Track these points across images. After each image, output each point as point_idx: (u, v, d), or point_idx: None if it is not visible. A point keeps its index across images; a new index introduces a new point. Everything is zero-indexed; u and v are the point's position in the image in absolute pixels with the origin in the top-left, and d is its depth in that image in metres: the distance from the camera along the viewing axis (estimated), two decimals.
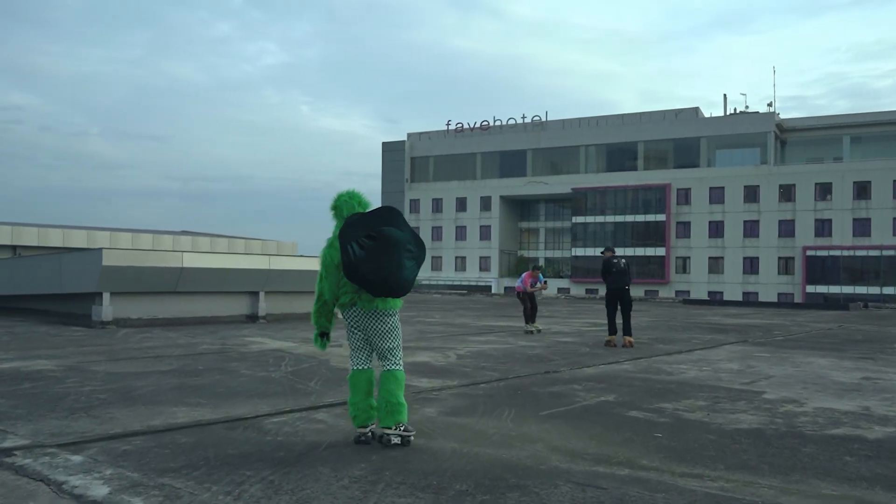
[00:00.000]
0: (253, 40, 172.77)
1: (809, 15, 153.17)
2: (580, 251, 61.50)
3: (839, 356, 11.20)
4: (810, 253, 54.30)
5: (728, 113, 61.69)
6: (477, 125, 68.87)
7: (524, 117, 67.65)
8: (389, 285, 4.48)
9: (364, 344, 4.81)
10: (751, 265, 56.54)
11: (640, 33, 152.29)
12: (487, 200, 66.47)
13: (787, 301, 48.05)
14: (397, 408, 4.66)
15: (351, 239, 4.45)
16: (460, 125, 69.40)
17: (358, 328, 4.76)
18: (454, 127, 69.58)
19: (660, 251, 59.12)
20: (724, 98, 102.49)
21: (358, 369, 4.80)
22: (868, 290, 51.23)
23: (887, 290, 50.76)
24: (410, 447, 4.64)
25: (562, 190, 63.45)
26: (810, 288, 53.73)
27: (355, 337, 4.81)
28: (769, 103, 64.52)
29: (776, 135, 57.81)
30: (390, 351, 4.74)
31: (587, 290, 56.90)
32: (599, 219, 61.37)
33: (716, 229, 57.61)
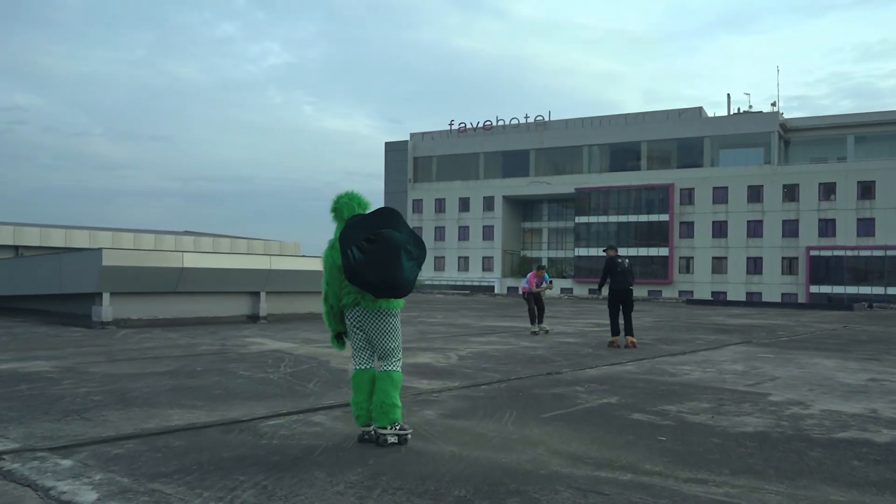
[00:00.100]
0: (256, 41, 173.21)
1: (813, 14, 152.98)
2: (583, 251, 61.35)
3: (844, 357, 11.08)
4: (814, 253, 54.09)
5: (731, 113, 61.51)
6: (480, 125, 68.82)
7: (527, 117, 67.62)
8: (390, 286, 4.51)
9: (366, 344, 4.83)
10: (754, 265, 56.31)
11: (644, 33, 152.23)
12: (490, 200, 66.35)
13: (791, 301, 47.77)
14: (391, 408, 4.65)
15: (350, 242, 4.48)
16: (463, 125, 69.35)
17: (359, 328, 4.79)
18: (457, 127, 69.55)
19: (663, 251, 58.96)
20: (728, 98, 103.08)
21: (360, 369, 4.83)
22: (872, 291, 50.94)
23: (892, 291, 50.50)
24: (408, 450, 4.55)
25: (565, 190, 63.33)
26: (814, 288, 53.51)
27: (357, 337, 4.84)
28: (773, 103, 64.55)
29: (780, 134, 57.61)
30: (390, 351, 4.76)
31: (590, 291, 56.72)
32: (603, 219, 61.22)
33: (719, 229, 57.40)
